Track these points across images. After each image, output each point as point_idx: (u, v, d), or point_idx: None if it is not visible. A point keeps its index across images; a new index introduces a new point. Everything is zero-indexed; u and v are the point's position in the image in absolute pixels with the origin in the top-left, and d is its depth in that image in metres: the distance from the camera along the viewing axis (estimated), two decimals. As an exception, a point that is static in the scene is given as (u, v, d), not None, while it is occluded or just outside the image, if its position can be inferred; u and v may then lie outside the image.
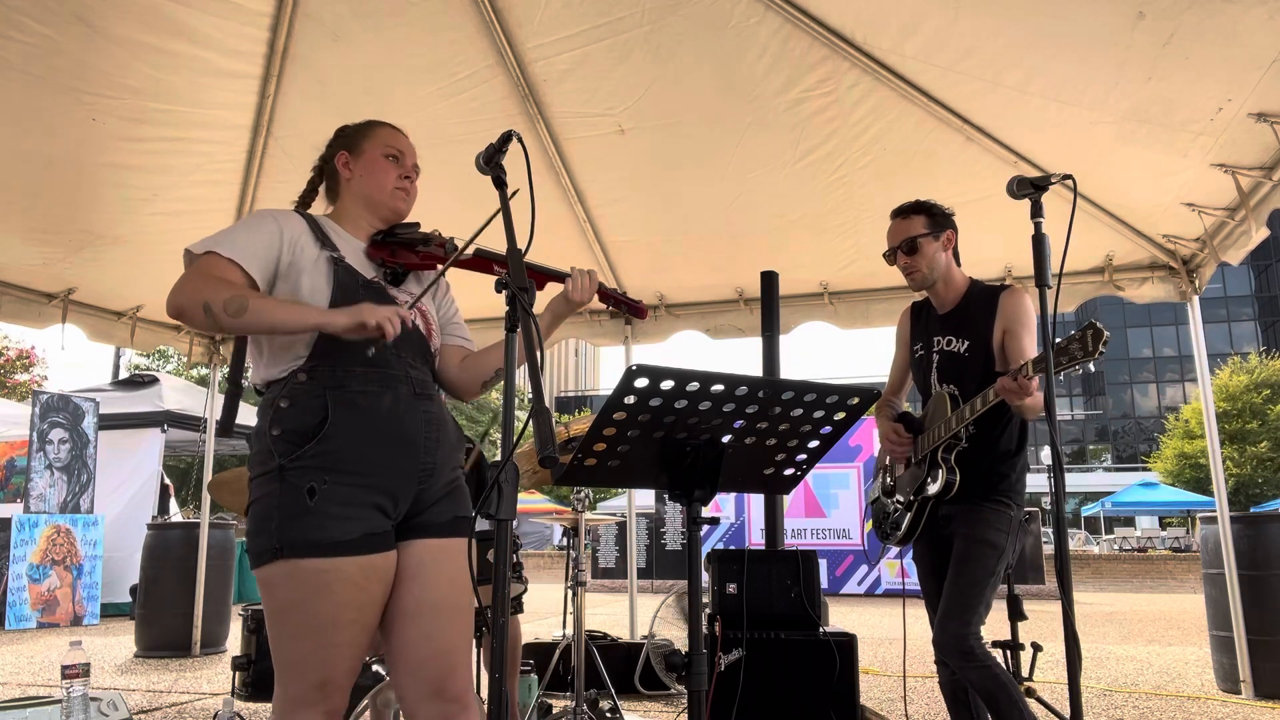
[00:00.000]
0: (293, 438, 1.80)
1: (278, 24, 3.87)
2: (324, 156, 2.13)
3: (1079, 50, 3.55)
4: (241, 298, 1.76)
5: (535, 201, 1.76)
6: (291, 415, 1.82)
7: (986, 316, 2.83)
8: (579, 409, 53.56)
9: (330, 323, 1.79)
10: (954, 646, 2.56)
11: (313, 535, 1.75)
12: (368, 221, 2.06)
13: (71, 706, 3.14)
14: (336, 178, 2.09)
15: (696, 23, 3.88)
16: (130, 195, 4.65)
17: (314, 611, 1.75)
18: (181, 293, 1.79)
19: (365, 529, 1.80)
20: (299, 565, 1.75)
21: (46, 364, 24.36)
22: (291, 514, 1.76)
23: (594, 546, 14.98)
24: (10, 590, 8.89)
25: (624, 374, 1.63)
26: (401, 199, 2.08)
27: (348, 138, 2.10)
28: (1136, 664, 6.59)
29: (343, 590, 1.76)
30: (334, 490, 1.78)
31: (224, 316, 1.75)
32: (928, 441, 2.82)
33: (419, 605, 1.88)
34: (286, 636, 1.78)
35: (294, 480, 1.77)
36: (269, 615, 1.80)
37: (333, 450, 1.80)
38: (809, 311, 5.79)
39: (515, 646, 3.73)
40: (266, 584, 1.79)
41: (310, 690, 1.77)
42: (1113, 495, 30.28)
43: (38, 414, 9.76)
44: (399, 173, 2.07)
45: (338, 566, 1.76)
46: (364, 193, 2.05)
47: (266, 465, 1.80)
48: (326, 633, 1.76)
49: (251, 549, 1.81)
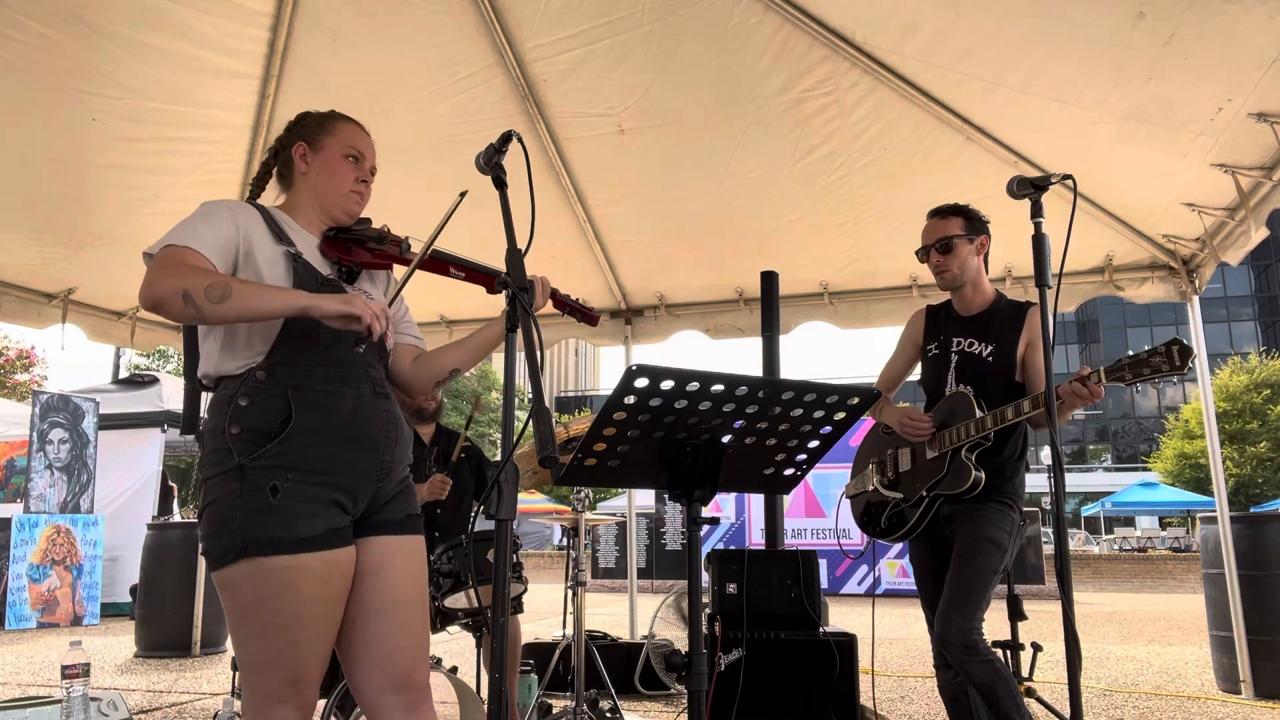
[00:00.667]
0: (253, 436, 1.77)
1: (278, 24, 3.87)
2: (281, 142, 2.06)
3: (1079, 50, 3.55)
4: (224, 283, 1.70)
5: (535, 201, 1.77)
6: (251, 414, 1.78)
7: (1013, 328, 2.87)
8: (579, 409, 53.56)
9: (318, 307, 1.73)
10: (958, 640, 2.57)
11: (276, 533, 1.73)
12: (319, 219, 2.02)
13: (71, 706, 3.15)
14: (291, 167, 2.03)
15: (696, 23, 3.88)
16: (130, 195, 4.65)
17: (279, 609, 1.74)
18: (155, 284, 1.72)
19: (328, 525, 1.79)
20: (262, 563, 1.73)
21: (46, 364, 24.38)
22: (254, 512, 1.73)
23: (594, 546, 14.98)
24: (10, 590, 8.89)
25: (624, 374, 1.63)
26: (356, 202, 2.03)
27: (308, 128, 2.04)
28: (1136, 664, 6.59)
29: (308, 586, 1.75)
30: (296, 488, 1.77)
31: (206, 304, 1.69)
32: (951, 438, 2.81)
33: (383, 600, 1.89)
34: (253, 636, 1.76)
35: (255, 479, 1.75)
36: (233, 616, 1.78)
37: (294, 449, 1.78)
38: (809, 311, 5.79)
39: (515, 646, 3.73)
40: (229, 584, 1.76)
41: (282, 687, 1.77)
42: (1113, 495, 30.27)
43: (38, 414, 9.76)
44: (356, 175, 2.02)
45: (301, 563, 1.75)
46: (317, 191, 2.00)
47: (224, 465, 1.76)
48: (293, 629, 1.75)
49: (211, 551, 1.77)
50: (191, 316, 1.73)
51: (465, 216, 2.25)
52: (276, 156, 2.07)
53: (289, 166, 2.04)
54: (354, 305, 1.74)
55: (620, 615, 8.53)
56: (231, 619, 1.79)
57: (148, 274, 1.76)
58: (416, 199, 5.04)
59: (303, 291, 1.80)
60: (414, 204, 5.10)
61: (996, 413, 2.68)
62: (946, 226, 2.92)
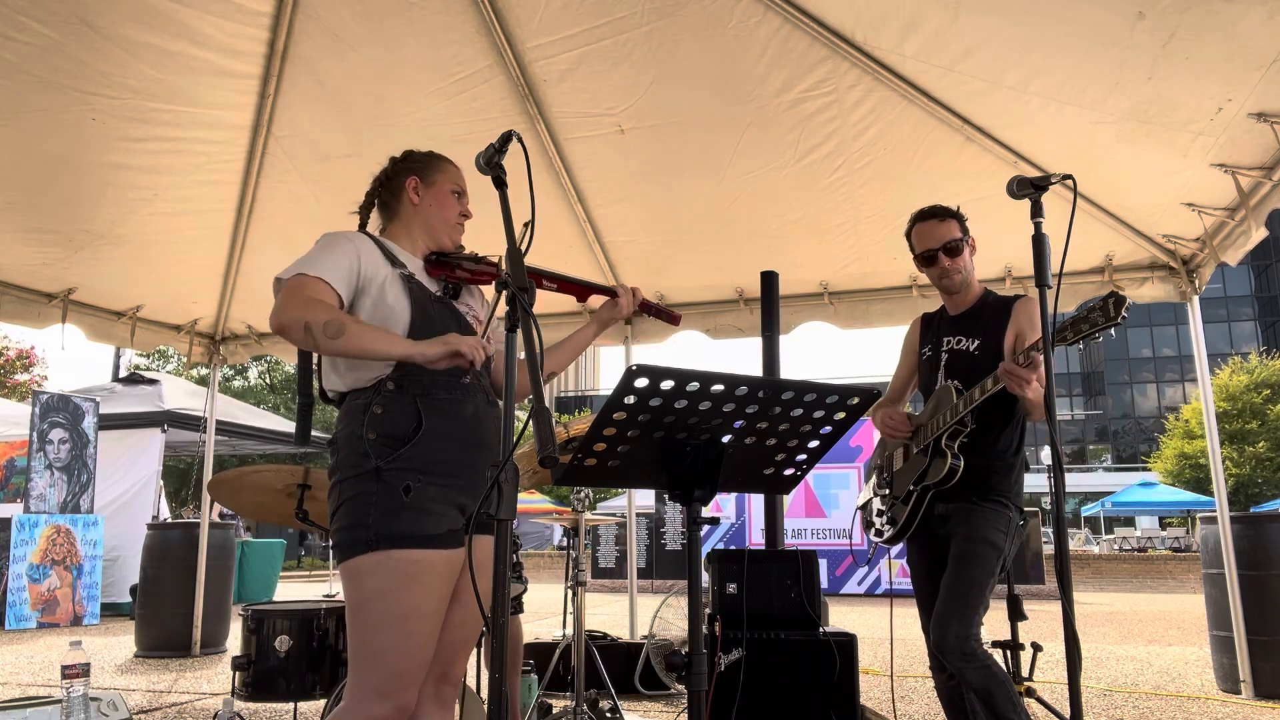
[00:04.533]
0: (389, 441, 1.95)
1: (278, 24, 3.88)
2: (389, 174, 2.27)
3: (1079, 50, 3.55)
4: (339, 321, 1.90)
5: (535, 201, 1.77)
6: (386, 421, 1.96)
7: (999, 320, 2.85)
8: (579, 409, 53.57)
9: (422, 353, 1.92)
10: (955, 648, 2.55)
11: (408, 528, 1.89)
12: (423, 244, 2.23)
13: (71, 706, 3.14)
14: (399, 199, 2.23)
15: (696, 23, 3.88)
16: (130, 195, 4.65)
17: (400, 600, 1.87)
18: (285, 311, 1.92)
19: (450, 525, 1.97)
20: (392, 555, 1.87)
21: (46, 364, 24.37)
22: (389, 509, 1.90)
23: (594, 546, 14.98)
24: (10, 590, 8.89)
25: (624, 374, 1.63)
26: (460, 231, 2.27)
27: (419, 164, 2.26)
28: (1136, 664, 6.59)
29: (429, 580, 1.91)
30: (426, 489, 1.94)
31: (323, 338, 1.89)
32: (930, 430, 2.81)
33: (459, 595, 2.04)
34: (370, 626, 1.87)
35: (390, 479, 1.92)
36: (354, 605, 1.89)
37: (425, 453, 1.96)
38: (809, 311, 5.79)
39: (515, 646, 3.73)
40: (356, 574, 1.89)
41: (389, 680, 1.86)
42: (1113, 495, 30.25)
43: (38, 414, 9.76)
44: (460, 209, 2.27)
45: (428, 558, 1.91)
46: (430, 222, 2.22)
47: (360, 466, 1.93)
48: (410, 621, 1.88)
49: (343, 542, 1.92)
50: (310, 346, 1.95)
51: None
52: (383, 187, 2.28)
53: (397, 199, 2.24)
54: (451, 344, 1.93)
55: (620, 615, 8.53)
56: (352, 609, 1.90)
57: (280, 301, 1.96)
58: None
59: (404, 339, 1.99)
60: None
61: (966, 395, 2.67)
62: (950, 229, 2.89)
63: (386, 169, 2.29)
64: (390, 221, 2.26)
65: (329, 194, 4.85)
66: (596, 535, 14.83)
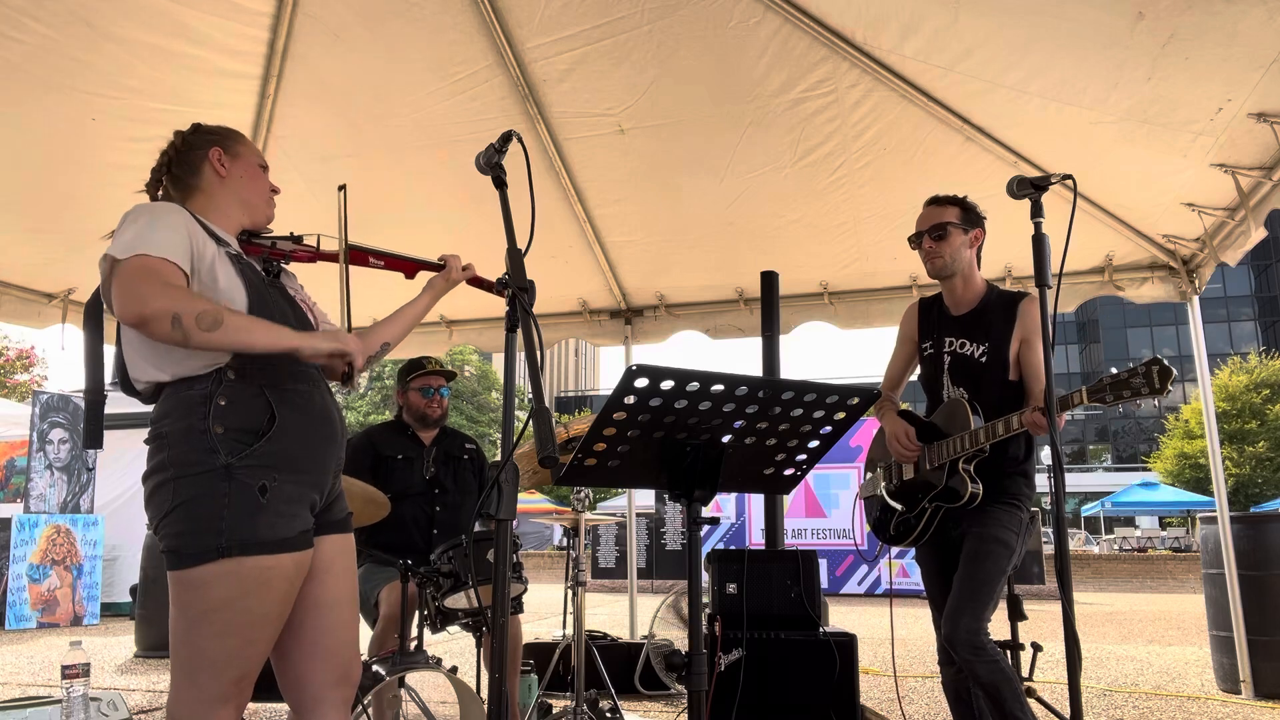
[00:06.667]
0: (239, 435, 1.77)
1: (278, 24, 3.87)
2: (182, 146, 2.08)
3: (1079, 50, 3.55)
4: (214, 312, 1.72)
5: (535, 201, 1.77)
6: (233, 413, 1.78)
7: (1005, 324, 2.84)
8: (579, 409, 53.55)
9: (312, 346, 1.82)
10: (966, 641, 2.57)
11: (265, 534, 1.75)
12: (238, 219, 2.05)
13: (71, 706, 3.14)
14: (199, 172, 2.03)
15: (696, 23, 3.88)
16: (130, 195, 4.61)
17: (248, 608, 1.75)
18: (140, 300, 1.70)
19: (301, 526, 1.84)
20: (244, 562, 1.73)
21: (46, 364, 24.37)
22: (244, 512, 1.74)
23: (594, 546, 14.97)
24: (10, 590, 8.89)
25: (624, 374, 1.63)
26: (272, 208, 2.13)
27: (218, 135, 2.08)
28: (1136, 664, 6.59)
29: (279, 586, 1.79)
30: (281, 488, 1.80)
31: (195, 331, 1.69)
32: (947, 450, 2.80)
33: (332, 597, 1.95)
34: (212, 635, 1.75)
35: (244, 478, 1.75)
36: (193, 615, 1.75)
37: (279, 449, 1.81)
38: (809, 311, 5.78)
39: (515, 646, 3.73)
40: (200, 583, 1.73)
41: (229, 686, 1.78)
42: (1113, 495, 30.25)
43: (38, 414, 9.75)
44: (270, 185, 2.13)
45: (280, 563, 1.78)
46: (243, 196, 2.06)
47: (206, 463, 1.74)
48: (256, 629, 1.78)
49: (185, 549, 1.73)
50: (175, 340, 1.72)
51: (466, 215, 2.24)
52: (177, 159, 2.08)
53: (195, 172, 2.04)
54: (339, 341, 1.85)
55: (620, 615, 8.53)
56: (189, 618, 1.75)
57: (128, 286, 1.72)
58: (416, 199, 5.05)
59: (292, 330, 1.87)
60: (414, 203, 5.11)
61: (989, 427, 2.68)
62: (942, 213, 2.91)
63: (176, 141, 2.09)
64: (190, 197, 2.02)
65: (329, 194, 4.82)
66: (596, 535, 14.83)
